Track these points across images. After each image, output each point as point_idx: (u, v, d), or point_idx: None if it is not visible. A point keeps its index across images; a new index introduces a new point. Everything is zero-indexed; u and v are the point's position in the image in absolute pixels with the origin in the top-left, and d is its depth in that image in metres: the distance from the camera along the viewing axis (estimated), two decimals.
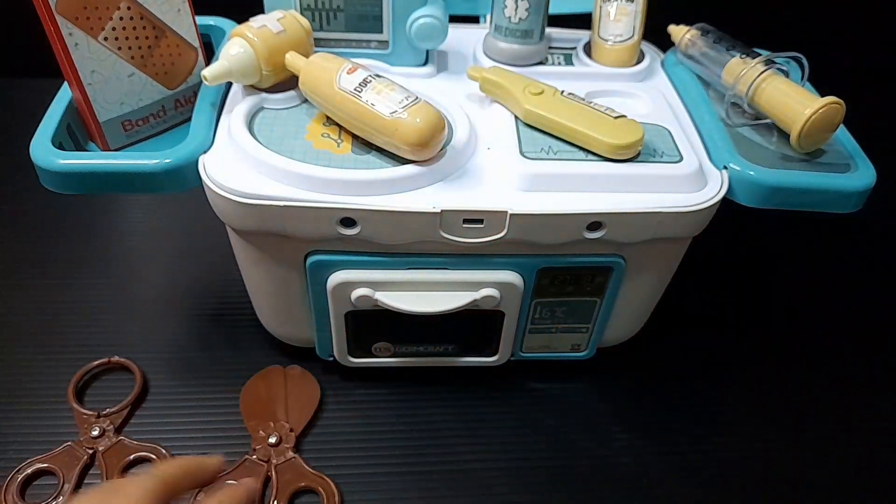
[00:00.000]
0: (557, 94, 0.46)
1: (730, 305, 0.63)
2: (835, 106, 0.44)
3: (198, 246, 0.65)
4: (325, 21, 0.50)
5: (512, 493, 0.49)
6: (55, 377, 0.53)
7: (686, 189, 0.44)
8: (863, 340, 0.61)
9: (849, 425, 0.54)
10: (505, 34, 0.52)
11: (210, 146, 0.45)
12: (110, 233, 0.67)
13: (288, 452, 0.50)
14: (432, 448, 0.51)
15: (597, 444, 0.52)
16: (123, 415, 0.51)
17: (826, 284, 0.66)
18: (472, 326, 0.50)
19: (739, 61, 0.49)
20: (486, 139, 0.47)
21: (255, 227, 0.44)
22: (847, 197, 0.45)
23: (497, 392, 0.55)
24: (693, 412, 0.55)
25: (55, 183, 0.44)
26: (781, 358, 0.59)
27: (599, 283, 0.49)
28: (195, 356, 0.56)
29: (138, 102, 0.48)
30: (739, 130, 0.49)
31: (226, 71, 0.45)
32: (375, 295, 0.46)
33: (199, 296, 0.61)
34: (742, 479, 0.51)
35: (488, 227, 0.43)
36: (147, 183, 0.44)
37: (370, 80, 0.43)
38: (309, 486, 0.48)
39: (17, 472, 0.47)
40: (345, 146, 0.44)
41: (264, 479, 0.48)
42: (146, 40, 0.46)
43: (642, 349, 0.58)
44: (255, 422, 0.51)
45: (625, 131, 0.44)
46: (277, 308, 0.52)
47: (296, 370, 0.55)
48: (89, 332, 0.57)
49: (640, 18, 0.52)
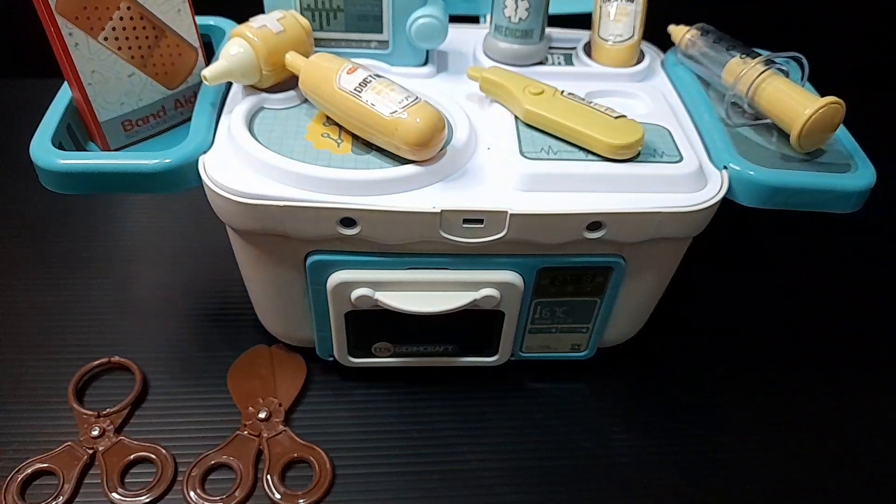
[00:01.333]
0: (557, 94, 0.46)
1: (730, 305, 0.63)
2: (835, 106, 0.44)
3: (198, 246, 0.66)
4: (325, 21, 0.50)
5: (512, 493, 0.49)
6: (55, 377, 0.53)
7: (686, 189, 0.44)
8: (863, 340, 0.61)
9: (849, 425, 0.54)
10: (505, 34, 0.52)
11: (210, 146, 0.45)
12: (110, 233, 0.67)
13: (278, 426, 0.51)
14: (432, 448, 0.51)
15: (597, 444, 0.52)
16: (123, 415, 0.51)
17: (826, 284, 0.66)
18: (472, 326, 0.50)
19: (739, 61, 0.49)
20: (486, 139, 0.47)
21: (255, 227, 0.44)
22: (847, 197, 0.45)
23: (497, 392, 0.55)
24: (693, 412, 0.55)
25: (55, 183, 0.44)
26: (781, 358, 0.59)
27: (599, 283, 0.49)
28: (195, 356, 0.56)
29: (138, 102, 0.48)
30: (739, 130, 0.49)
31: (226, 71, 0.45)
32: (375, 295, 0.46)
33: (199, 296, 0.61)
34: (742, 479, 0.51)
35: (488, 227, 0.43)
36: (147, 183, 0.44)
37: (370, 80, 0.43)
38: (301, 457, 0.49)
39: (17, 472, 0.47)
40: (345, 146, 0.44)
41: (256, 453, 0.49)
42: (146, 40, 0.46)
43: (642, 349, 0.58)
44: (245, 399, 0.52)
45: (625, 131, 0.44)
46: (277, 308, 0.52)
47: (281, 348, 0.56)
48: (89, 332, 0.57)
49: (640, 18, 0.52)
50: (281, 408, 0.52)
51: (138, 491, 0.47)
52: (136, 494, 0.47)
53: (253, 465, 0.49)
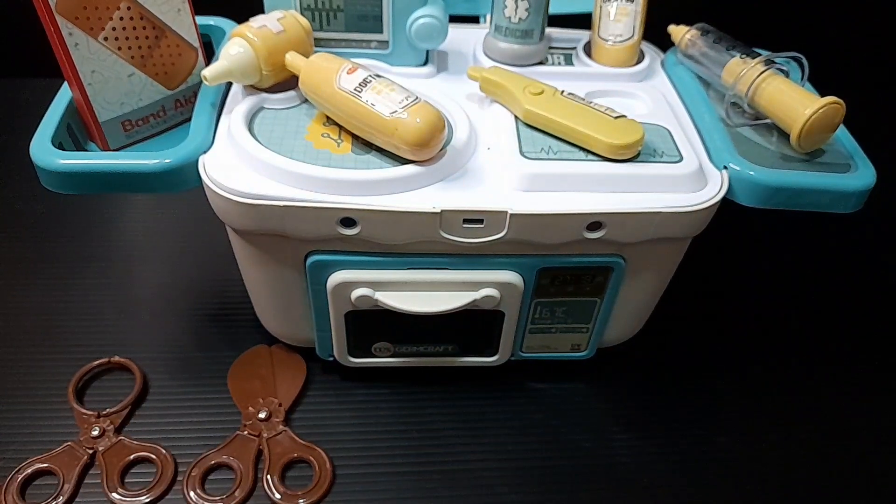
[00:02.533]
0: (557, 94, 0.46)
1: (730, 305, 0.63)
2: (835, 106, 0.44)
3: (198, 246, 0.66)
4: (325, 21, 0.50)
5: (512, 493, 0.49)
6: (55, 377, 0.53)
7: (686, 189, 0.44)
8: (863, 340, 0.61)
9: (849, 425, 0.54)
10: (505, 34, 0.52)
11: (210, 146, 0.45)
12: (110, 233, 0.67)
13: (278, 426, 0.51)
14: (432, 448, 0.51)
15: (597, 444, 0.52)
16: (123, 415, 0.51)
17: (826, 284, 0.66)
18: (471, 326, 0.50)
19: (739, 61, 0.49)
20: (486, 139, 0.47)
21: (255, 227, 0.44)
22: (847, 197, 0.45)
23: (497, 392, 0.55)
24: (693, 412, 0.55)
25: (55, 183, 0.44)
26: (781, 358, 0.59)
27: (599, 283, 0.49)
28: (195, 356, 0.56)
29: (138, 102, 0.48)
30: (739, 130, 0.49)
31: (226, 71, 0.45)
32: (375, 295, 0.46)
33: (199, 296, 0.61)
34: (742, 480, 0.51)
35: (488, 227, 0.43)
36: (147, 183, 0.44)
37: (370, 79, 0.43)
38: (301, 457, 0.49)
39: (17, 472, 0.47)
40: (345, 146, 0.44)
41: (256, 453, 0.49)
42: (146, 40, 0.46)
43: (642, 349, 0.58)
44: (245, 399, 0.52)
45: (625, 131, 0.44)
46: (277, 308, 0.52)
47: (281, 348, 0.56)
48: (89, 332, 0.57)
49: (640, 18, 0.52)
50: (281, 408, 0.52)
51: (138, 491, 0.47)
52: (136, 494, 0.47)
53: (253, 465, 0.49)
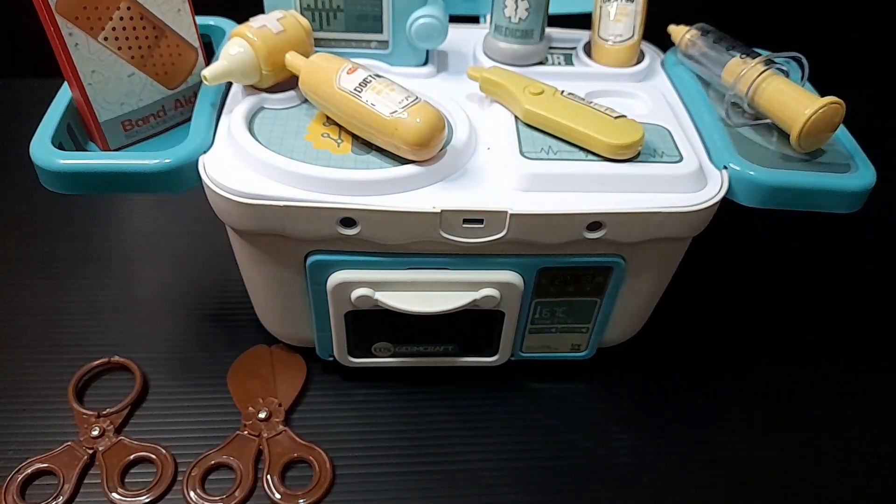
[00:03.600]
0: (557, 94, 0.46)
1: (730, 305, 0.63)
2: (835, 106, 0.44)
3: (198, 246, 0.66)
4: (325, 21, 0.50)
5: (512, 493, 0.49)
6: (55, 377, 0.53)
7: (686, 189, 0.44)
8: (863, 340, 0.61)
9: (849, 425, 0.54)
10: (505, 34, 0.52)
11: (210, 146, 0.45)
12: (110, 233, 0.67)
13: (278, 426, 0.51)
14: (432, 448, 0.51)
15: (597, 444, 0.52)
16: (123, 415, 0.51)
17: (826, 284, 0.66)
18: (472, 326, 0.50)
19: (739, 61, 0.49)
20: (486, 139, 0.47)
21: (255, 227, 0.44)
22: (847, 197, 0.45)
23: (497, 392, 0.55)
24: (693, 412, 0.55)
25: (55, 183, 0.44)
26: (782, 358, 0.59)
27: (599, 283, 0.49)
28: (195, 356, 0.56)
29: (138, 102, 0.48)
30: (739, 130, 0.49)
31: (226, 71, 0.45)
32: (375, 295, 0.46)
33: (199, 296, 0.61)
34: (743, 480, 0.51)
35: (488, 227, 0.43)
36: (147, 183, 0.44)
37: (370, 79, 0.43)
38: (301, 457, 0.49)
39: (17, 472, 0.47)
40: (345, 146, 0.44)
41: (256, 453, 0.49)
42: (146, 40, 0.46)
43: (642, 349, 0.58)
44: (245, 399, 0.52)
45: (625, 131, 0.44)
46: (277, 308, 0.52)
47: (281, 348, 0.56)
48: (89, 332, 0.57)
49: (640, 18, 0.52)
50: (281, 408, 0.52)
51: (138, 491, 0.47)
52: (136, 494, 0.47)
53: (253, 465, 0.49)
